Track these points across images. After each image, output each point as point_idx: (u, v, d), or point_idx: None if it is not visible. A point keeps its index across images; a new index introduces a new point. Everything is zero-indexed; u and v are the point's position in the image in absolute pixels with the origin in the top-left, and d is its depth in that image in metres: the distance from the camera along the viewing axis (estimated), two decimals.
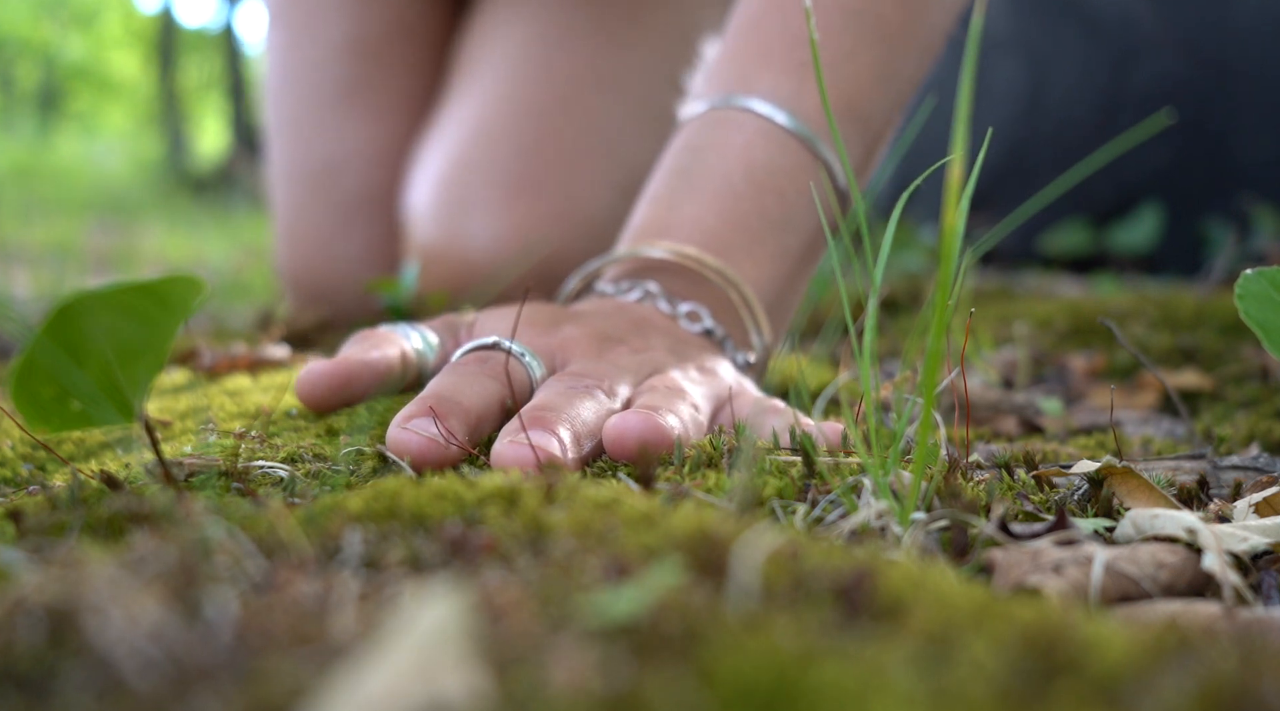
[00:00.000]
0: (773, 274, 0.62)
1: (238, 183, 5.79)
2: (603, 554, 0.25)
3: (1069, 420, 0.70)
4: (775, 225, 0.62)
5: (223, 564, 0.24)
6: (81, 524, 0.35)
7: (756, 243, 0.62)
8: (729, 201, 0.61)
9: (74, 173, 5.64)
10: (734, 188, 0.62)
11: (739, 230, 0.61)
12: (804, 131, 0.63)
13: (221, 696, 0.19)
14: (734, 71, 0.65)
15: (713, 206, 0.61)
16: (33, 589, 0.22)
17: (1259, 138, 1.66)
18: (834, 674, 0.19)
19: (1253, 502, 0.41)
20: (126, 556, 0.24)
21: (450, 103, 1.00)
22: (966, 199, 0.37)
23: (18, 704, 0.19)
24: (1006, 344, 0.94)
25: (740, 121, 0.63)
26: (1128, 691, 0.20)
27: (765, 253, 0.62)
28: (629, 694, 0.19)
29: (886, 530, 0.34)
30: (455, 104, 0.99)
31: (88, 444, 0.53)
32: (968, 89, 0.31)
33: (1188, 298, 1.02)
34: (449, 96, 1.01)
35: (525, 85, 0.96)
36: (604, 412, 0.47)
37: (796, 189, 0.63)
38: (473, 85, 0.99)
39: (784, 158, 0.63)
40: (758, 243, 0.62)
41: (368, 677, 0.19)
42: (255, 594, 0.22)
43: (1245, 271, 0.45)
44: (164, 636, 0.21)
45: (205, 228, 3.53)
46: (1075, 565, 0.33)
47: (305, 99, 1.09)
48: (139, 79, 10.20)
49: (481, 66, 0.99)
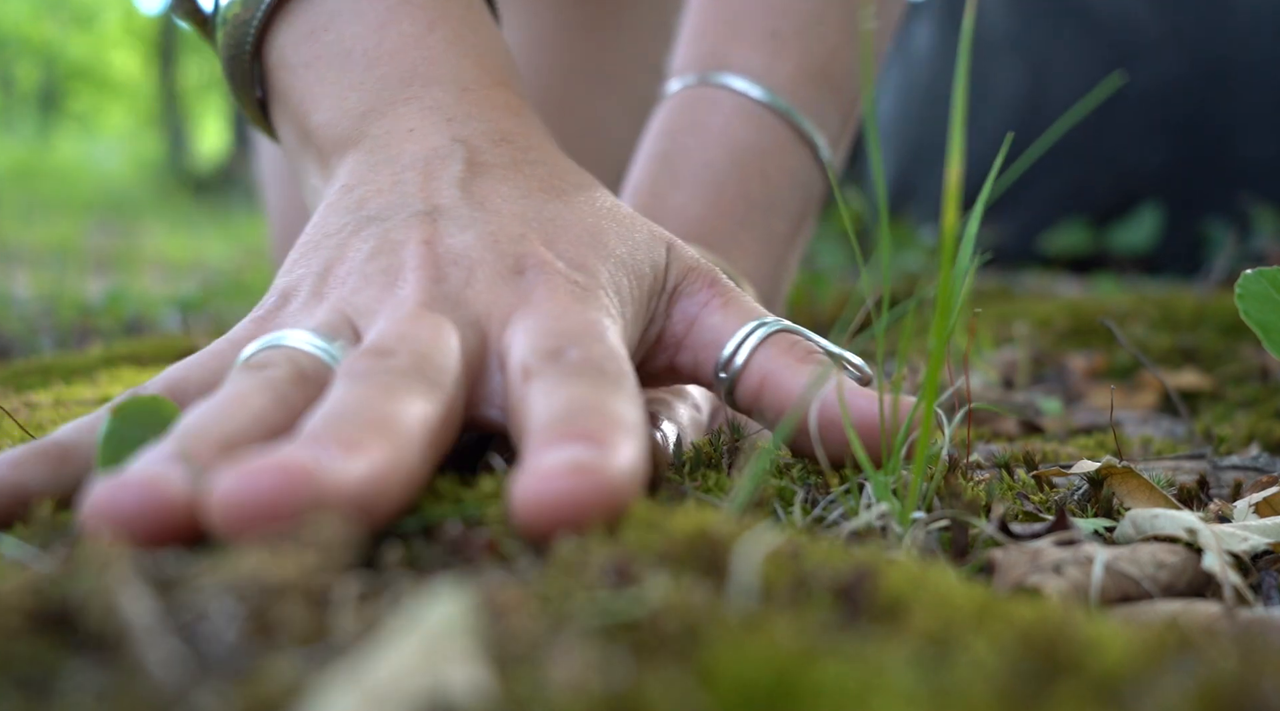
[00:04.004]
0: (762, 261, 0.62)
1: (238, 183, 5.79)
2: (603, 554, 0.25)
3: (1069, 420, 0.70)
4: (761, 209, 0.62)
5: (223, 563, 0.24)
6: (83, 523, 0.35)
7: (743, 229, 0.61)
8: (713, 188, 0.61)
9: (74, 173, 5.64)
10: (717, 172, 0.61)
11: (725, 217, 0.61)
12: (780, 104, 0.62)
13: (223, 693, 0.19)
14: (704, 47, 0.65)
15: (698, 194, 0.61)
16: (43, 579, 0.22)
17: (1259, 138, 1.65)
18: (834, 673, 0.19)
19: (1253, 502, 0.41)
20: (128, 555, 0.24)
21: None
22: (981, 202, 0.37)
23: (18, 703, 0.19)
24: (1006, 344, 0.94)
25: (716, 100, 0.63)
26: (1128, 691, 0.20)
27: (752, 238, 0.61)
28: (629, 693, 0.19)
29: (887, 530, 0.34)
30: None
31: None
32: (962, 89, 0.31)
33: (1188, 298, 1.02)
34: None
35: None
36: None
37: (779, 168, 0.63)
38: None
39: (763, 136, 0.62)
40: (744, 229, 0.61)
41: (372, 670, 0.19)
42: (255, 593, 0.22)
43: (1245, 271, 0.45)
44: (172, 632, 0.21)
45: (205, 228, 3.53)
46: (1075, 565, 0.33)
47: None
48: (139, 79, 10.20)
49: None
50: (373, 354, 0.34)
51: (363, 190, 0.45)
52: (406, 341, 0.35)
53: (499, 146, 0.46)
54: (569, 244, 0.42)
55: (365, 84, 0.48)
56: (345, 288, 0.40)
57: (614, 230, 0.44)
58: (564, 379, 0.33)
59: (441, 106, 0.47)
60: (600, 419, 0.30)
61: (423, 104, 0.47)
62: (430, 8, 0.50)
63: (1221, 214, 1.64)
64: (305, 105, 0.50)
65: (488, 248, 0.40)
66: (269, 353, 0.36)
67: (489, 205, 0.43)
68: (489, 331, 0.38)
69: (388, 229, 0.42)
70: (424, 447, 0.31)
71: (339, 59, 0.49)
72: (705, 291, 0.45)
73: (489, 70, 0.50)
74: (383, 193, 0.44)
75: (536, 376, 0.34)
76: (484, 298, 0.39)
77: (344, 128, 0.48)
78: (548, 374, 0.34)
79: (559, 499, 0.27)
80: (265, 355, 0.36)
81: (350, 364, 0.33)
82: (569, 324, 0.37)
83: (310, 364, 0.36)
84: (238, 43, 0.51)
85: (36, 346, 1.24)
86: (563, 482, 0.27)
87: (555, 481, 0.27)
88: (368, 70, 0.48)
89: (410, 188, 0.44)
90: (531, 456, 0.29)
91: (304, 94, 0.50)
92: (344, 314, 0.39)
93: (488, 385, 0.37)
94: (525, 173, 0.45)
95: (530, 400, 0.33)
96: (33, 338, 1.31)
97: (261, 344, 0.37)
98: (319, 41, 0.49)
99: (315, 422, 0.30)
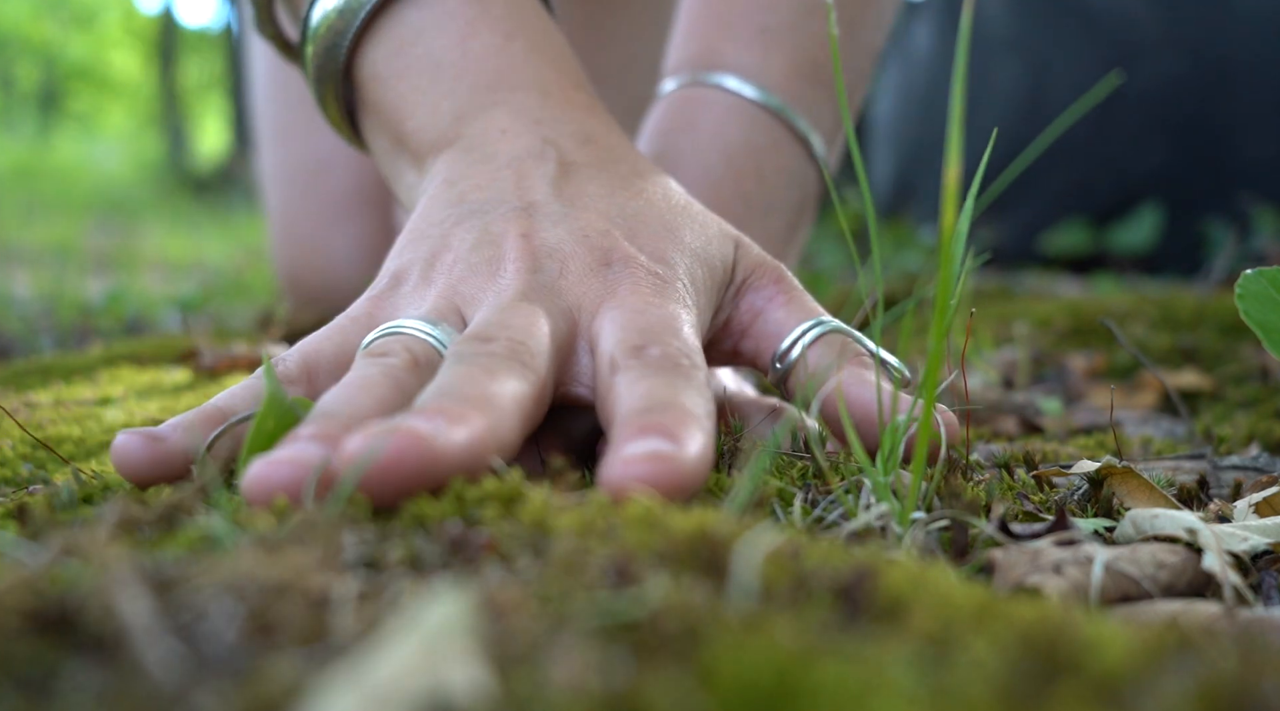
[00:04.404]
0: None
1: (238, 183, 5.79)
2: (603, 554, 0.25)
3: (1069, 420, 0.70)
4: (757, 209, 0.62)
5: (222, 563, 0.24)
6: (82, 523, 0.35)
7: (740, 228, 0.61)
8: (708, 188, 0.61)
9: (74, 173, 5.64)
10: (711, 172, 0.61)
11: (722, 216, 0.61)
12: (773, 102, 0.62)
13: (223, 693, 0.19)
14: (696, 46, 0.65)
15: (693, 194, 0.61)
16: (40, 576, 0.22)
17: (1259, 138, 1.65)
18: (834, 673, 0.19)
19: (1253, 502, 0.41)
20: (129, 553, 0.24)
21: None
22: (971, 199, 0.37)
23: (18, 703, 0.19)
24: (1006, 344, 0.94)
25: (709, 99, 0.63)
26: (1128, 691, 0.20)
27: (750, 237, 0.61)
28: (629, 693, 0.19)
29: (887, 530, 0.34)
30: None
31: (88, 444, 0.53)
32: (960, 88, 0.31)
33: (1188, 298, 1.02)
34: None
35: None
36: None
37: (774, 167, 0.62)
38: None
39: (757, 134, 0.62)
40: (741, 228, 0.61)
41: (372, 670, 0.19)
42: (255, 593, 0.22)
43: (1245, 271, 0.45)
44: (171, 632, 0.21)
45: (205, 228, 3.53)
46: (1075, 565, 0.33)
47: (295, 99, 1.09)
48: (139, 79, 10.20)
49: None
50: (477, 339, 0.38)
51: (463, 185, 0.49)
52: (506, 329, 0.39)
53: (585, 147, 0.51)
54: (649, 238, 0.46)
55: (456, 91, 0.52)
56: (453, 275, 0.44)
57: (688, 225, 0.48)
58: (645, 374, 0.37)
59: (528, 109, 0.52)
60: (675, 413, 0.34)
61: (511, 107, 0.52)
62: (507, 19, 0.54)
63: (1221, 214, 1.64)
64: (400, 112, 0.54)
65: (578, 242, 0.45)
66: (387, 340, 0.41)
67: (578, 202, 0.47)
68: (579, 319, 0.43)
69: (488, 222, 0.46)
70: (517, 420, 0.35)
71: (429, 69, 0.53)
72: (771, 287, 0.49)
73: (566, 74, 0.54)
74: (481, 188, 0.48)
75: (622, 370, 0.38)
76: (576, 289, 0.43)
77: (438, 130, 0.52)
78: (632, 368, 0.38)
79: (640, 481, 0.31)
80: (384, 343, 0.41)
81: (457, 348, 0.38)
82: (650, 320, 0.41)
83: (422, 350, 0.41)
84: (329, 60, 0.55)
85: (36, 346, 1.24)
86: (643, 468, 0.31)
87: (637, 466, 0.31)
88: (457, 79, 0.53)
89: (506, 184, 0.48)
90: (618, 444, 0.33)
91: (397, 102, 0.54)
92: (451, 301, 0.43)
93: (576, 366, 0.42)
94: (609, 171, 0.50)
95: (616, 392, 0.37)
96: (33, 338, 1.31)
97: (381, 331, 0.42)
98: (408, 55, 0.53)
99: (427, 397, 0.34)
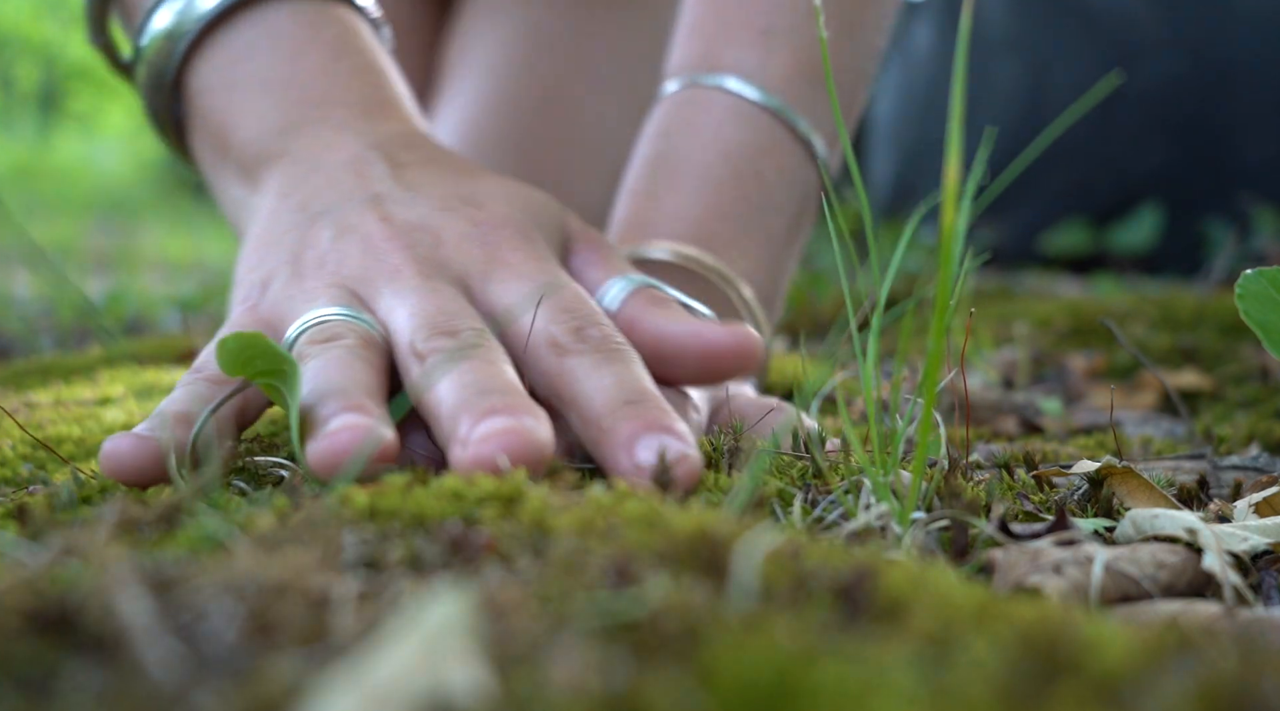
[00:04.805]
0: (760, 262, 0.62)
1: None
2: (603, 554, 0.25)
3: (1069, 420, 0.70)
4: (758, 210, 0.62)
5: (222, 563, 0.24)
6: (82, 523, 0.35)
7: (742, 232, 0.61)
8: (710, 191, 0.61)
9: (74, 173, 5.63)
10: (713, 174, 0.61)
11: (723, 220, 0.61)
12: (774, 103, 0.62)
13: (223, 693, 0.19)
14: (698, 47, 0.65)
15: (693, 196, 0.61)
16: (40, 575, 0.22)
17: (1259, 138, 1.65)
18: (834, 673, 0.19)
19: (1253, 502, 0.41)
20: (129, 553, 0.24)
21: (438, 104, 1.00)
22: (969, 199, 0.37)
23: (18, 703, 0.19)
24: (1006, 344, 0.94)
25: (710, 101, 0.63)
26: (1128, 691, 0.20)
27: (751, 242, 0.61)
28: (629, 693, 0.19)
29: (886, 530, 0.34)
30: (443, 105, 0.99)
31: (88, 444, 0.53)
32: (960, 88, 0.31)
33: (1188, 298, 1.02)
34: (437, 98, 1.01)
35: (512, 84, 0.96)
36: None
37: (775, 168, 0.62)
38: (460, 85, 0.99)
39: (758, 136, 0.62)
40: (743, 232, 0.61)
41: (372, 670, 0.19)
42: (255, 593, 0.22)
43: (1245, 271, 0.45)
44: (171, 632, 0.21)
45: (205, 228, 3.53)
46: (1075, 565, 0.33)
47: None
48: None
49: (467, 68, 0.99)
50: (443, 335, 0.41)
51: (300, 195, 0.51)
52: (456, 318, 0.42)
53: (410, 150, 0.54)
54: (499, 208, 0.50)
55: (283, 105, 0.55)
56: (327, 266, 0.45)
57: (526, 199, 0.52)
58: (599, 361, 0.41)
59: (351, 123, 0.55)
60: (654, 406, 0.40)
61: (334, 123, 0.55)
62: (336, 42, 0.58)
63: (1221, 214, 1.64)
64: (227, 124, 0.56)
65: (439, 215, 0.48)
66: (323, 328, 0.42)
67: (421, 189, 0.50)
68: (471, 285, 0.45)
69: (341, 217, 0.48)
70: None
71: (259, 84, 0.56)
72: (591, 252, 0.53)
73: (390, 94, 0.58)
74: (321, 192, 0.51)
75: (574, 354, 0.42)
76: (457, 257, 0.46)
77: (265, 143, 0.55)
78: (583, 352, 0.42)
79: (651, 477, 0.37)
80: (324, 329, 0.42)
81: (431, 344, 0.40)
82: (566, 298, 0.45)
83: (363, 330, 0.41)
84: (159, 73, 0.57)
85: (36, 346, 1.24)
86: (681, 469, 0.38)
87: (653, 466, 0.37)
88: (284, 93, 0.56)
89: (346, 184, 0.51)
90: (627, 441, 0.38)
91: (226, 114, 0.56)
92: (343, 286, 0.44)
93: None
94: (439, 165, 0.53)
95: (575, 376, 0.41)
96: (33, 338, 1.31)
97: (303, 324, 0.42)
98: (240, 70, 0.56)
99: (478, 397, 0.37)
